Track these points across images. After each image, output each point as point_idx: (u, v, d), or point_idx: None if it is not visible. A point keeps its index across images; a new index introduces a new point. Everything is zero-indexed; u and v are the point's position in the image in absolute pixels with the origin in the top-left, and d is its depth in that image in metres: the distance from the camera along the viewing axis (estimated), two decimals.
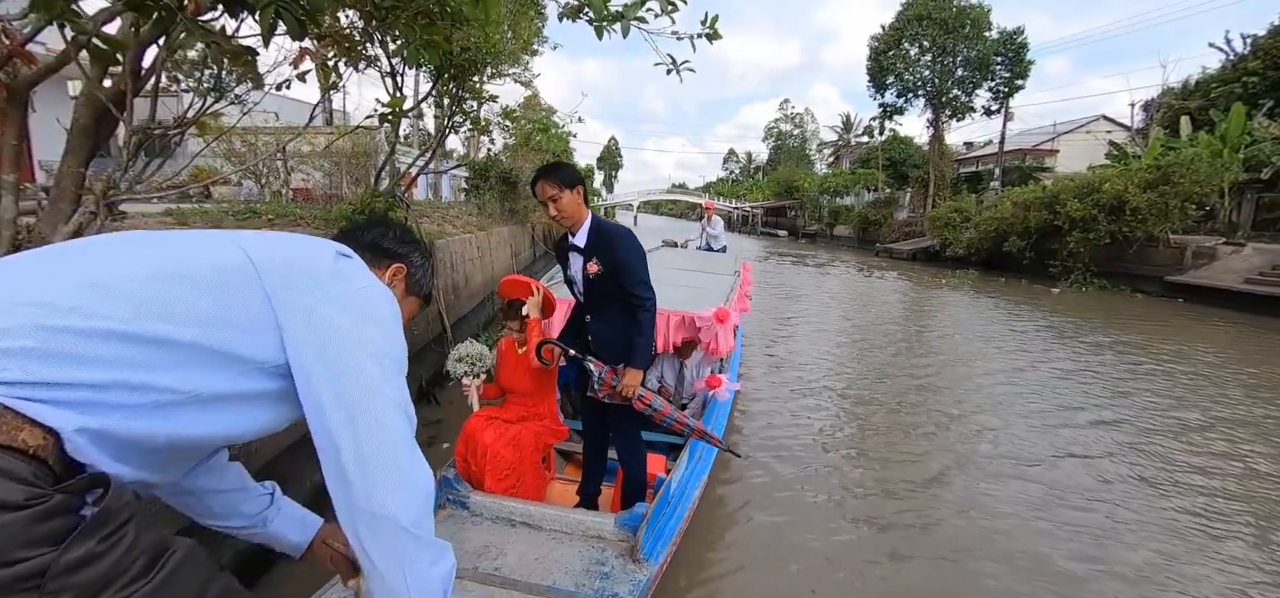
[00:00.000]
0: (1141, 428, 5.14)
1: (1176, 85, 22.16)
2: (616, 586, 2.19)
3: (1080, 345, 8.46)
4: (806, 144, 67.94)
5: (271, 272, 0.89)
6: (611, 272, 2.55)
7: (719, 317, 3.60)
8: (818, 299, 12.80)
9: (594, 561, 2.34)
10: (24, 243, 2.64)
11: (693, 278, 5.24)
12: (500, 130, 18.11)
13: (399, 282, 1.23)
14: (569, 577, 2.23)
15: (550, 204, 2.52)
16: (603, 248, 2.56)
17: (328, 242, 1.04)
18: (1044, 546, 3.31)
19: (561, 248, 2.75)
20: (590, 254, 2.58)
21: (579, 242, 2.62)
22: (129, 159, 2.67)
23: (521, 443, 2.87)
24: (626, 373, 2.57)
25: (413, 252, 1.27)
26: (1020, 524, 3.55)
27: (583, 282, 2.66)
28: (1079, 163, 22.90)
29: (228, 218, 4.86)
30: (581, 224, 2.60)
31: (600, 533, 2.49)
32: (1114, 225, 14.59)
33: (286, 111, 9.83)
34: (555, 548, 2.41)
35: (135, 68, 2.55)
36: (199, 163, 8.51)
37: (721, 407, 4.04)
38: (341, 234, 1.23)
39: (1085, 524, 3.53)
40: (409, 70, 5.80)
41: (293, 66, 3.30)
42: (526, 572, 2.25)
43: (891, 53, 26.66)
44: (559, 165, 2.60)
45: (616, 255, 2.54)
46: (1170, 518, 3.61)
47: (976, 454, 4.57)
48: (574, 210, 2.54)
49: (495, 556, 2.35)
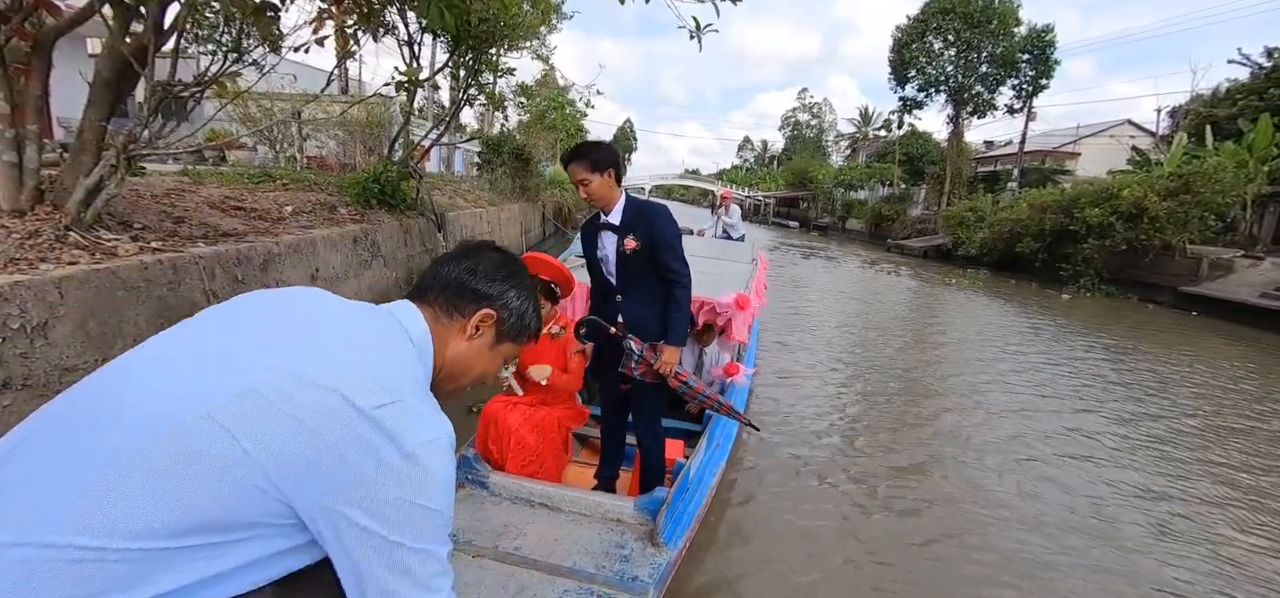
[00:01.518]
0: (1156, 436, 5.12)
1: (1206, 92, 21.66)
2: (636, 569, 2.20)
3: (1097, 352, 8.33)
4: (823, 135, 67.19)
5: (286, 477, 0.75)
6: (648, 247, 2.53)
7: (740, 303, 3.60)
8: (827, 292, 12.77)
9: (614, 543, 2.35)
10: (46, 192, 2.69)
11: (712, 265, 5.26)
12: (515, 107, 18.06)
13: (486, 330, 1.05)
14: (589, 559, 2.24)
15: (581, 186, 2.51)
16: (640, 224, 2.53)
17: (361, 378, 0.81)
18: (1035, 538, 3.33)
19: (590, 229, 2.69)
20: (627, 231, 2.54)
21: (614, 219, 2.58)
22: (149, 116, 2.70)
23: (545, 427, 2.87)
24: (665, 350, 2.55)
25: (508, 291, 1.07)
26: (1024, 522, 3.57)
27: (615, 259, 2.61)
28: (1100, 167, 22.52)
29: (242, 180, 4.91)
30: (614, 204, 2.57)
31: (620, 516, 2.49)
32: (1131, 232, 14.37)
33: (304, 79, 9.86)
34: (574, 530, 2.42)
35: (158, 23, 2.58)
36: (214, 126, 8.57)
37: (739, 392, 4.07)
38: (424, 280, 1.05)
39: (1101, 531, 3.54)
40: (426, 40, 5.80)
41: (312, 30, 3.32)
42: (546, 552, 2.26)
43: (915, 45, 26.20)
44: (590, 146, 2.53)
45: (655, 231, 2.52)
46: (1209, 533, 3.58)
47: (986, 447, 4.58)
48: (605, 192, 2.51)
49: (515, 535, 2.36)
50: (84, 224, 2.58)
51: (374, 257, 4.84)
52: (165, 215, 3.33)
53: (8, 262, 2.18)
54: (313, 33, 3.31)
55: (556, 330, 3.04)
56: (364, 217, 5.04)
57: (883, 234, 29.28)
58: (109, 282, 2.35)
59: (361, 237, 4.65)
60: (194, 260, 2.82)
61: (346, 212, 4.97)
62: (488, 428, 2.85)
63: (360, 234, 4.64)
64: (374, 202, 5.39)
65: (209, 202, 3.92)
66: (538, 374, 2.87)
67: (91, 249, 2.47)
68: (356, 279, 4.47)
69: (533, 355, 3.00)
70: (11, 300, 1.98)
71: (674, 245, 2.56)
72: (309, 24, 3.26)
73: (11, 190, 2.55)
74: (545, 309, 2.94)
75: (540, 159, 15.97)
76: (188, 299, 2.75)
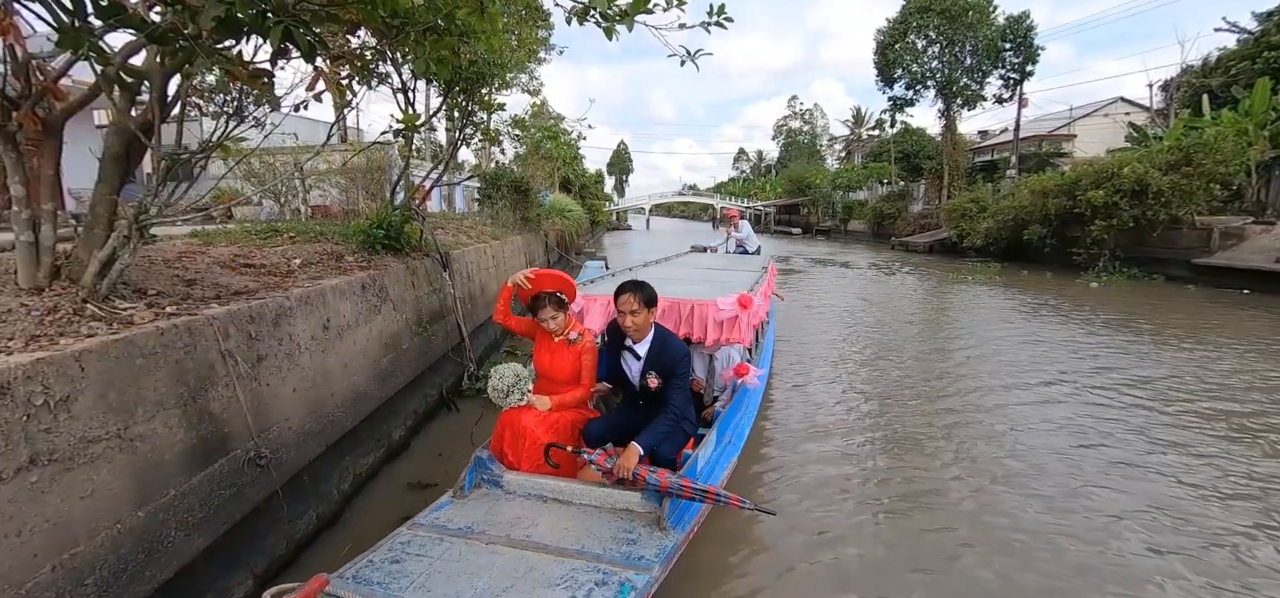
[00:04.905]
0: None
1: (1196, 63, 21.64)
2: (643, 550, 2.30)
3: (1149, 350, 7.53)
4: (817, 140, 67.49)
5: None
6: (664, 380, 2.97)
7: (742, 302, 3.74)
8: (843, 299, 12.66)
9: (622, 529, 2.45)
10: (62, 267, 2.76)
11: (722, 276, 5.48)
12: (510, 139, 18.28)
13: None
14: (597, 543, 2.34)
15: (629, 315, 2.92)
16: (661, 363, 2.97)
17: None
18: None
19: (616, 341, 3.17)
20: (650, 368, 3.00)
21: (640, 350, 3.03)
22: (158, 184, 2.77)
23: (559, 428, 3.01)
24: (627, 451, 2.69)
25: None
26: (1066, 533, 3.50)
27: (639, 387, 3.09)
28: (1098, 147, 22.45)
29: (250, 237, 4.99)
30: (645, 335, 3.01)
31: (629, 506, 2.60)
32: (1136, 210, 14.26)
33: (304, 132, 10.06)
34: (585, 520, 2.52)
35: (161, 96, 2.65)
36: (221, 186, 8.74)
37: (752, 394, 4.14)
38: None
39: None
40: (420, 85, 5.92)
41: (308, 88, 3.40)
42: (557, 538, 2.36)
43: (898, 46, 26.49)
44: (642, 284, 3.00)
45: (673, 369, 2.93)
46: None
47: (1025, 472, 4.45)
48: (645, 324, 2.98)
49: (527, 526, 2.46)
50: (100, 296, 2.63)
51: (383, 301, 4.88)
52: (177, 279, 3.39)
53: (29, 339, 2.22)
54: (308, 90, 3.40)
55: (574, 336, 3.20)
56: (371, 263, 5.11)
57: (885, 233, 29.21)
58: (127, 351, 2.39)
59: (370, 283, 4.71)
60: (208, 322, 2.87)
61: (353, 259, 5.04)
62: (505, 432, 2.98)
63: (368, 280, 4.69)
64: (379, 247, 5.46)
65: (219, 261, 3.99)
66: (539, 403, 3.04)
67: (108, 320, 2.52)
68: (367, 326, 4.51)
69: (550, 360, 3.19)
70: (35, 378, 2.02)
71: (682, 383, 2.94)
72: (305, 85, 3.35)
73: (30, 269, 2.61)
74: (557, 318, 3.14)
75: (538, 189, 16.16)
76: (204, 361, 2.79)
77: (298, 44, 1.86)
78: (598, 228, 35.45)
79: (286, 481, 3.25)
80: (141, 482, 2.37)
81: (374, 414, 4.44)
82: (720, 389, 4.14)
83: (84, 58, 2.06)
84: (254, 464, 3.02)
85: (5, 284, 2.62)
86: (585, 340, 3.20)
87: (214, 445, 2.78)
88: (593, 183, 38.50)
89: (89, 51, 1.87)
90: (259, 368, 3.18)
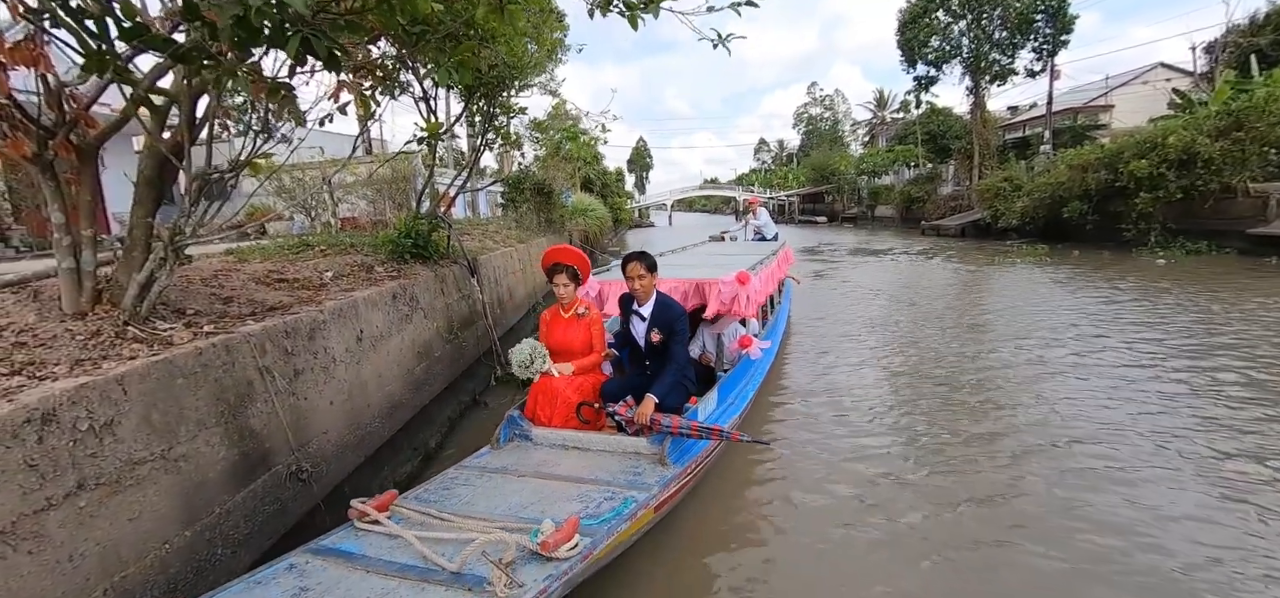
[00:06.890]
0: None
1: (1243, 22, 20.49)
2: (646, 478, 2.83)
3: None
4: (839, 125, 66.18)
5: None
6: (666, 337, 3.49)
7: (740, 279, 4.18)
8: (886, 284, 12.30)
9: (630, 465, 3.01)
10: (103, 291, 2.80)
11: (731, 260, 5.91)
12: (531, 143, 18.34)
13: None
14: (608, 474, 2.88)
15: (636, 280, 3.48)
16: (663, 322, 3.51)
17: None
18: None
19: (627, 306, 3.71)
20: (654, 326, 3.53)
21: (645, 312, 3.57)
22: (191, 204, 2.79)
23: (584, 389, 3.53)
24: (645, 401, 3.20)
25: None
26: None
27: (645, 343, 3.61)
28: (1139, 117, 21.45)
29: (283, 252, 5.06)
30: (649, 298, 3.55)
31: (638, 450, 3.15)
32: (1185, 180, 13.54)
33: (330, 146, 10.23)
34: (600, 460, 3.09)
35: (190, 118, 2.67)
36: (253, 202, 8.94)
37: (757, 364, 4.56)
38: None
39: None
40: (441, 92, 5.93)
41: (332, 100, 3.41)
42: (575, 473, 2.92)
43: (921, 22, 25.66)
44: (644, 254, 3.58)
45: (673, 327, 3.48)
46: None
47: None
48: (649, 288, 3.54)
49: (552, 466, 3.02)
50: (140, 317, 2.66)
51: (413, 310, 4.90)
52: (214, 297, 3.44)
53: (73, 364, 2.25)
54: (333, 102, 3.40)
55: (583, 311, 3.70)
56: (400, 272, 5.13)
57: (914, 217, 28.48)
58: (168, 372, 2.40)
59: (400, 292, 4.72)
60: (245, 339, 2.88)
61: (383, 269, 5.07)
62: (537, 396, 3.47)
63: (398, 290, 4.71)
64: (408, 256, 5.48)
65: (254, 277, 4.04)
66: (563, 369, 3.56)
67: (149, 341, 2.54)
68: (399, 335, 4.53)
69: (562, 335, 3.65)
70: (80, 403, 2.03)
71: (682, 336, 3.48)
72: (329, 96, 3.35)
73: (72, 294, 2.66)
74: (568, 287, 3.62)
75: (561, 190, 16.16)
76: (243, 378, 2.80)
77: (317, 52, 1.82)
78: (620, 226, 35.41)
79: (327, 494, 3.26)
80: (187, 501, 2.39)
81: (410, 424, 4.45)
82: (730, 362, 4.53)
83: (113, 81, 2.07)
84: (295, 479, 3.04)
85: (50, 310, 2.66)
86: (592, 313, 3.73)
87: (256, 462, 2.80)
88: (613, 181, 38.48)
89: (115, 74, 1.87)
90: (296, 382, 3.19)
